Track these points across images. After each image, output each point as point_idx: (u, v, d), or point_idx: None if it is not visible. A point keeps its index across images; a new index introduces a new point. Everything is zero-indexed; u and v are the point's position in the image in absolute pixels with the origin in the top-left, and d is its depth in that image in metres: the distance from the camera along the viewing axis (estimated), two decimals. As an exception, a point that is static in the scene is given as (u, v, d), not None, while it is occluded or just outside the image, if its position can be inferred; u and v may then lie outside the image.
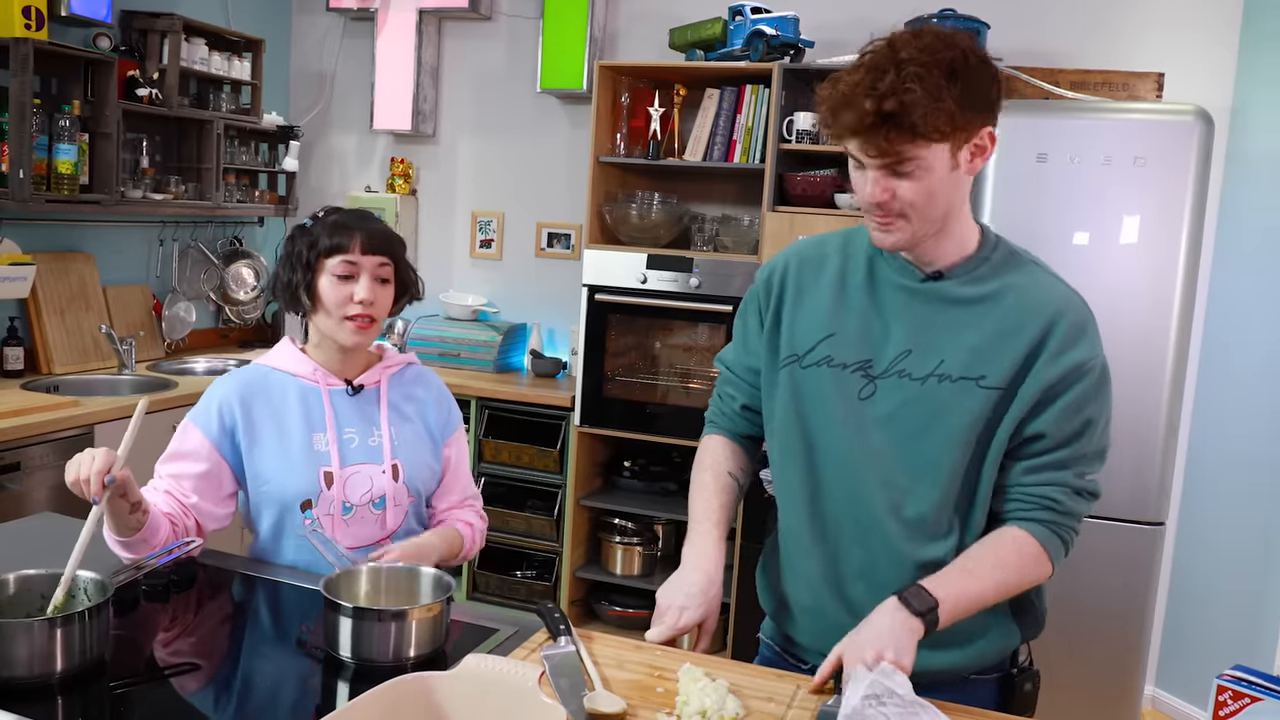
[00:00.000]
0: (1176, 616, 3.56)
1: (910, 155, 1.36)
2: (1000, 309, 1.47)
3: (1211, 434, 3.46)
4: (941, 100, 1.31)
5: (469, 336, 4.22)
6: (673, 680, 1.41)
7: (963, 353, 1.46)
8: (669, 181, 4.00)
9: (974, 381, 1.45)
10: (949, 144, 1.37)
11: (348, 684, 1.41)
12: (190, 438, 1.81)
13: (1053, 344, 1.45)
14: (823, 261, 1.59)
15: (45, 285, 3.59)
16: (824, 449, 1.55)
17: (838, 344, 1.54)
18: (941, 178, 1.39)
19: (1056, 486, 1.47)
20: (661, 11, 4.07)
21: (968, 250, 1.51)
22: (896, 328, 1.51)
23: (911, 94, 1.30)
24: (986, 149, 1.42)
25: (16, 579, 1.45)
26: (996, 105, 1.41)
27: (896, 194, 1.40)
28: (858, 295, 1.54)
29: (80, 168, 3.45)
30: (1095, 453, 1.49)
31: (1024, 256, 1.54)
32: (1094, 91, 3.20)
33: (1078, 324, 1.47)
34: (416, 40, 4.34)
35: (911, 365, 1.48)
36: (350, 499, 1.81)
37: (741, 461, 1.72)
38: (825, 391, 1.54)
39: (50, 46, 3.32)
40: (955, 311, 1.48)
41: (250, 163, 4.32)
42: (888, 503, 1.50)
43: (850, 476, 1.53)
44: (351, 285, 1.80)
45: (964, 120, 1.35)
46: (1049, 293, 1.49)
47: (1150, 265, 2.82)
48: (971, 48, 1.37)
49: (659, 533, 3.92)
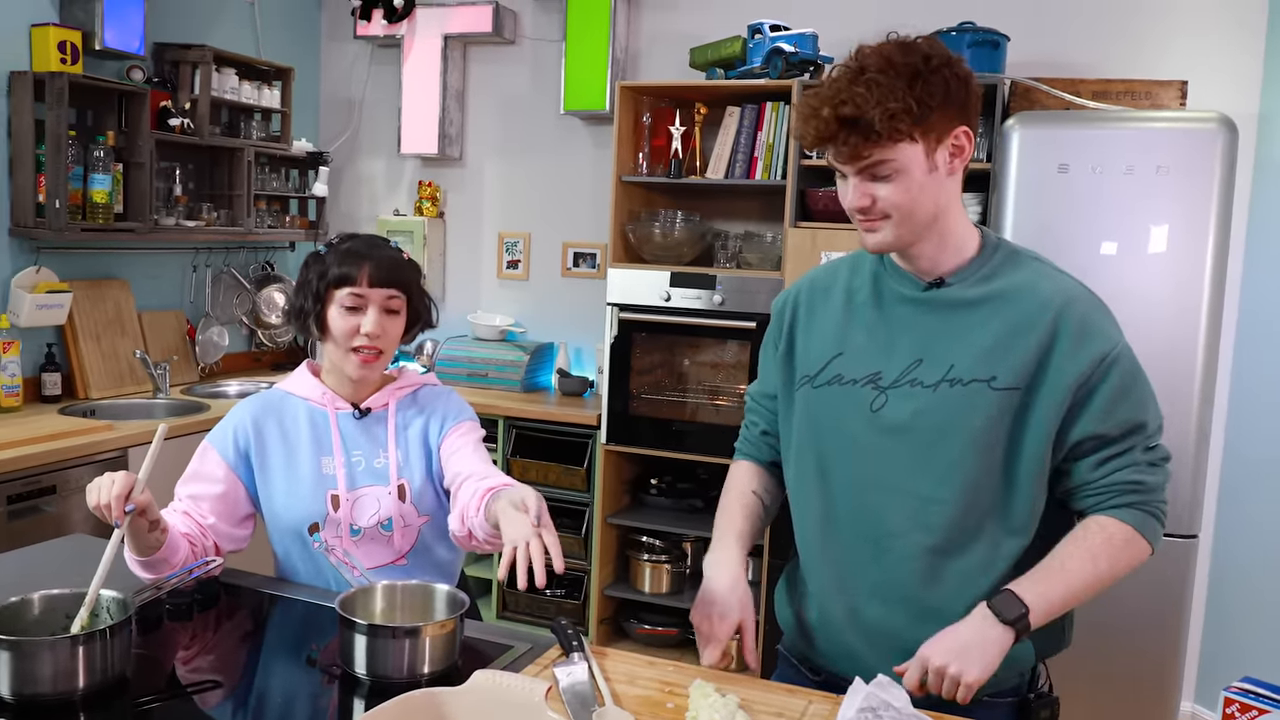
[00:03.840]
0: (1215, 630, 3.50)
1: (880, 158, 1.39)
2: (1006, 308, 1.46)
3: (1246, 444, 3.41)
4: (897, 100, 1.34)
5: (496, 356, 4.25)
6: (683, 696, 1.42)
7: (971, 355, 1.46)
8: (691, 199, 4.02)
9: (986, 383, 1.45)
10: (921, 145, 1.39)
11: (363, 700, 1.43)
12: (208, 459, 1.84)
13: (1065, 340, 1.43)
14: (831, 285, 1.62)
15: (82, 312, 3.67)
16: (838, 469, 1.55)
17: (846, 361, 1.55)
18: (920, 179, 1.41)
19: (1128, 469, 1.46)
20: (681, 32, 4.10)
21: (967, 255, 1.51)
22: (904, 339, 1.51)
23: (865, 98, 1.35)
24: (965, 149, 1.44)
25: (42, 598, 1.48)
26: (969, 106, 1.43)
27: (877, 198, 1.42)
28: (864, 312, 1.55)
29: (115, 197, 3.53)
30: (1155, 427, 1.49)
31: (1025, 255, 1.53)
32: (1116, 101, 3.18)
33: (1087, 315, 1.45)
34: (442, 65, 4.41)
35: (922, 374, 1.48)
36: (358, 521, 1.83)
37: (767, 483, 1.72)
38: (838, 410, 1.54)
39: (85, 80, 3.41)
40: (961, 316, 1.48)
41: (281, 189, 4.39)
42: (909, 515, 1.49)
43: (865, 495, 1.52)
44: (359, 317, 1.81)
45: (929, 121, 1.38)
46: (1054, 287, 1.47)
47: (1178, 274, 2.79)
48: (935, 52, 1.40)
49: (687, 550, 3.92)
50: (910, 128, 1.36)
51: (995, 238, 1.54)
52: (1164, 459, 1.49)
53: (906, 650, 1.44)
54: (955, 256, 1.50)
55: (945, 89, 1.38)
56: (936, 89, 1.37)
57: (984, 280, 1.49)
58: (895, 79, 1.36)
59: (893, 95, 1.35)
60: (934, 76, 1.37)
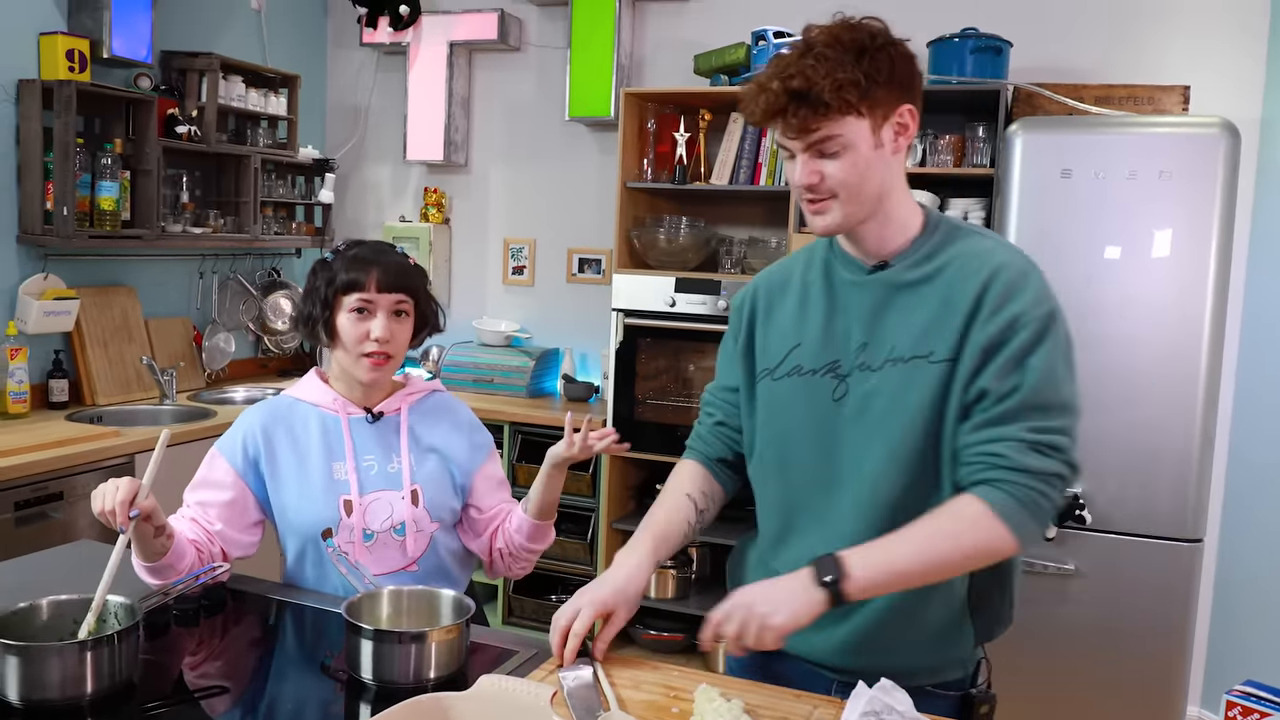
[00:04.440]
0: (1221, 634, 3.50)
1: (829, 133, 1.40)
2: (942, 283, 1.47)
3: (1250, 449, 3.41)
4: (846, 72, 1.36)
5: (502, 362, 4.26)
6: (688, 701, 1.42)
7: (912, 334, 1.47)
8: (696, 205, 4.03)
9: (924, 359, 1.45)
10: (868, 121, 1.41)
11: (369, 705, 1.44)
12: (216, 466, 1.85)
13: (988, 303, 1.42)
14: (788, 278, 1.63)
15: (89, 319, 3.69)
16: (797, 459, 1.56)
17: (804, 352, 1.56)
18: (867, 156, 1.42)
19: (1003, 441, 1.39)
20: (686, 38, 4.12)
21: (910, 235, 1.51)
22: (854, 323, 1.52)
23: (815, 69, 1.36)
24: (909, 127, 1.46)
25: (49, 604, 1.49)
26: (914, 84, 1.45)
27: (825, 175, 1.43)
28: (818, 300, 1.56)
29: (122, 204, 3.55)
30: (1049, 405, 1.39)
31: (966, 229, 1.53)
32: (1119, 106, 3.18)
33: (1013, 280, 1.43)
34: (448, 73, 4.43)
35: (869, 356, 1.49)
36: (371, 526, 1.84)
37: (706, 485, 1.69)
38: (799, 401, 1.55)
39: (93, 87, 3.43)
40: (903, 296, 1.49)
41: (287, 195, 4.41)
42: (858, 496, 1.49)
43: (823, 482, 1.53)
44: (368, 322, 1.82)
45: (876, 95, 1.39)
46: (986, 258, 1.46)
47: (1182, 279, 2.80)
48: (880, 31, 1.42)
49: (693, 556, 3.92)
50: (858, 100, 1.38)
51: (938, 216, 1.54)
52: (1056, 449, 1.38)
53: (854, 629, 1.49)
54: (899, 237, 1.51)
55: (890, 65, 1.41)
56: (883, 64, 1.40)
57: (924, 259, 1.49)
58: (843, 53, 1.38)
59: (841, 68, 1.37)
60: (879, 54, 1.40)
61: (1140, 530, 2.87)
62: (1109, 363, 2.83)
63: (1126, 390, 2.83)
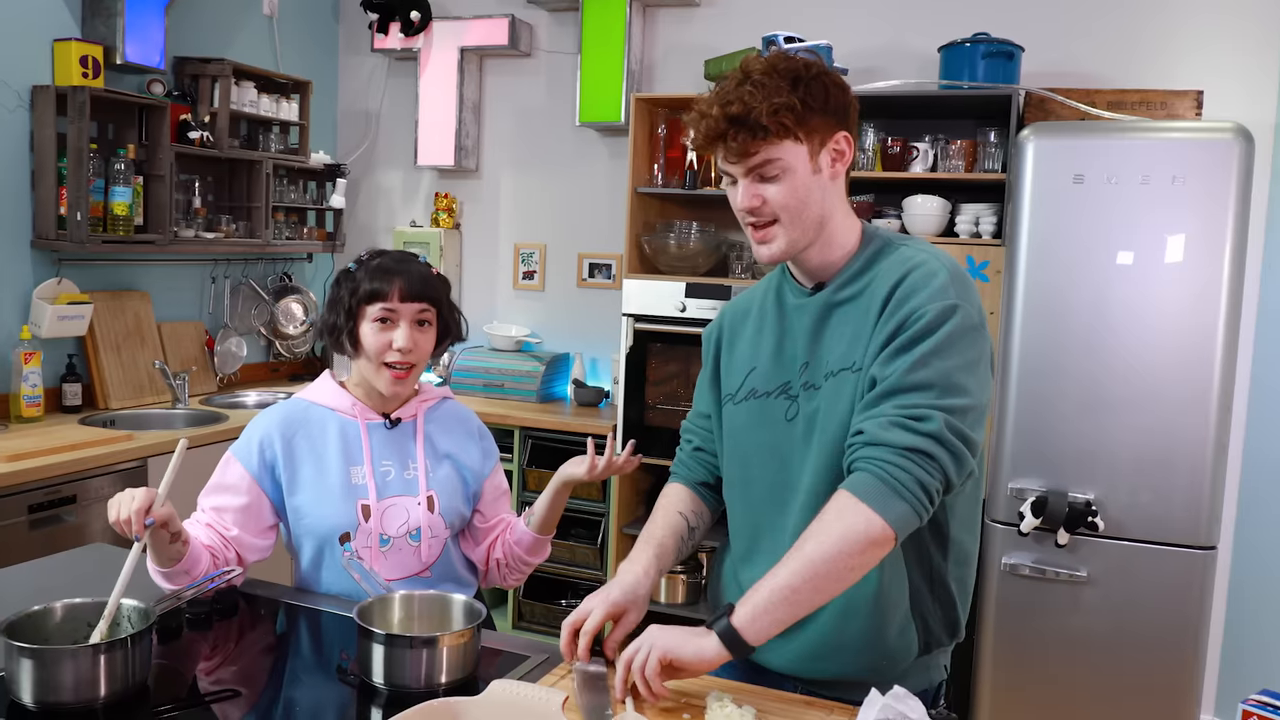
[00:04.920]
0: (1235, 643, 3.48)
1: (768, 156, 1.45)
2: (867, 296, 1.49)
3: (1264, 455, 3.39)
4: (781, 97, 1.42)
5: (512, 367, 4.27)
6: (700, 707, 1.42)
7: (841, 348, 1.50)
8: (706, 210, 4.03)
9: (849, 370, 1.48)
10: (805, 146, 1.46)
11: (381, 710, 1.44)
12: (231, 471, 1.86)
13: (892, 303, 1.45)
14: (749, 306, 1.68)
15: (102, 323, 3.70)
16: (755, 478, 1.60)
17: (758, 375, 1.61)
18: (805, 180, 1.47)
19: (869, 420, 1.38)
20: (696, 44, 4.12)
21: (846, 255, 1.55)
22: (799, 344, 1.56)
23: (752, 95, 1.42)
24: (845, 153, 1.51)
25: (64, 607, 1.50)
26: (847, 113, 1.50)
27: (766, 199, 1.48)
28: (771, 325, 1.61)
29: (135, 209, 3.57)
30: (926, 385, 1.37)
31: (899, 242, 1.55)
32: (1131, 111, 3.17)
33: (918, 279, 1.45)
34: (458, 78, 4.44)
35: (811, 375, 1.53)
36: (387, 531, 1.85)
37: (694, 505, 1.75)
38: (754, 423, 1.59)
39: (106, 93, 3.45)
40: (838, 314, 1.52)
41: (299, 201, 4.43)
42: (805, 510, 1.50)
43: (778, 501, 1.56)
44: (391, 332, 1.84)
45: (812, 121, 1.45)
46: (904, 265, 1.48)
47: (1195, 284, 2.78)
48: (814, 63, 1.48)
49: (703, 561, 3.92)
50: (794, 125, 1.43)
51: (873, 232, 1.57)
52: (921, 422, 1.34)
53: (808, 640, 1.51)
54: (838, 256, 1.55)
55: (825, 93, 1.46)
56: (817, 92, 1.45)
57: (856, 276, 1.52)
58: (779, 80, 1.43)
59: (777, 94, 1.42)
60: (814, 82, 1.45)
61: (1153, 537, 2.85)
62: (1121, 369, 2.82)
63: (1139, 396, 2.82)
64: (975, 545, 1.60)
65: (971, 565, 1.60)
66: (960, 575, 1.57)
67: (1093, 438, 2.86)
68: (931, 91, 3.37)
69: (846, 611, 1.50)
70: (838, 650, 1.52)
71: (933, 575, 1.53)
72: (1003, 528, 2.96)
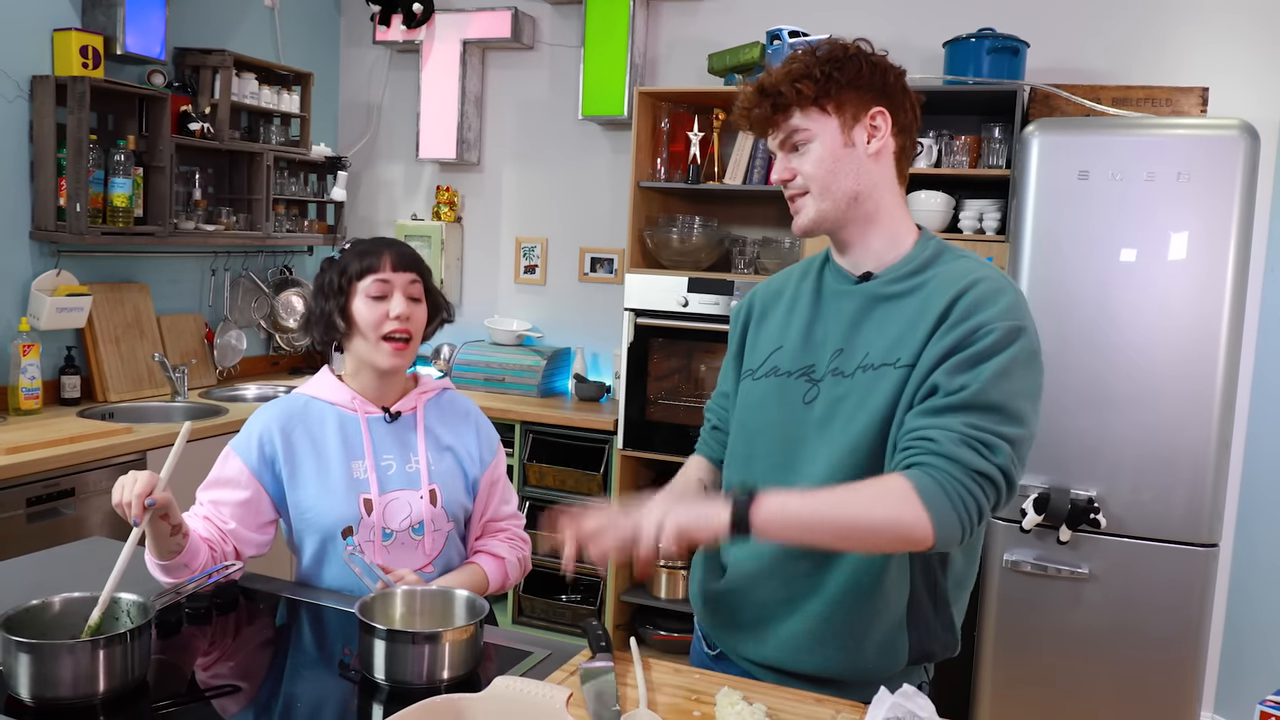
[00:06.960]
0: (1236, 640, 3.47)
1: (794, 126, 1.50)
2: (920, 297, 1.49)
3: (1267, 453, 3.38)
4: (810, 74, 1.47)
5: (513, 361, 4.26)
6: (709, 704, 1.42)
7: (885, 343, 1.49)
8: (709, 205, 4.02)
9: (891, 365, 1.47)
10: (835, 119, 1.49)
11: (382, 706, 1.43)
12: (231, 465, 1.85)
13: (956, 312, 1.44)
14: (782, 287, 1.69)
15: (101, 315, 3.69)
16: (760, 454, 1.59)
17: (784, 354, 1.60)
18: (834, 152, 1.49)
19: (939, 430, 1.37)
20: (700, 38, 4.11)
21: (900, 252, 1.55)
22: (833, 330, 1.56)
23: (780, 72, 1.50)
24: (881, 129, 1.51)
25: (61, 601, 1.49)
26: (889, 91, 1.51)
27: (796, 171, 1.52)
28: (804, 308, 1.61)
29: (135, 201, 3.55)
30: (995, 408, 1.37)
31: (958, 253, 1.55)
32: (1136, 107, 3.16)
33: (985, 293, 1.44)
34: (461, 71, 4.42)
35: (843, 363, 1.52)
36: (390, 525, 1.84)
37: (713, 476, 1.78)
38: (770, 399, 1.59)
39: (106, 84, 3.43)
40: (883, 307, 1.52)
41: (300, 193, 4.41)
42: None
43: (778, 480, 1.53)
44: (386, 304, 1.84)
45: (841, 95, 1.48)
46: (965, 275, 1.48)
47: (1199, 281, 2.77)
48: (857, 47, 1.52)
49: (703, 556, 3.91)
50: (817, 95, 1.47)
51: (932, 238, 1.57)
52: (991, 450, 1.35)
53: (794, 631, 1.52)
54: (888, 251, 1.55)
55: (857, 70, 1.49)
56: (848, 68, 1.48)
57: (909, 275, 1.52)
58: (810, 58, 1.49)
59: (803, 69, 1.48)
60: (849, 61, 1.49)
61: (1155, 535, 2.85)
62: (1124, 365, 2.81)
63: (1141, 393, 2.81)
64: (973, 572, 1.59)
65: (966, 589, 1.59)
66: (957, 596, 1.57)
67: (1095, 434, 2.86)
68: (936, 87, 3.35)
69: (840, 600, 1.49)
70: (821, 643, 1.51)
71: (935, 589, 1.53)
72: (1005, 524, 2.95)
